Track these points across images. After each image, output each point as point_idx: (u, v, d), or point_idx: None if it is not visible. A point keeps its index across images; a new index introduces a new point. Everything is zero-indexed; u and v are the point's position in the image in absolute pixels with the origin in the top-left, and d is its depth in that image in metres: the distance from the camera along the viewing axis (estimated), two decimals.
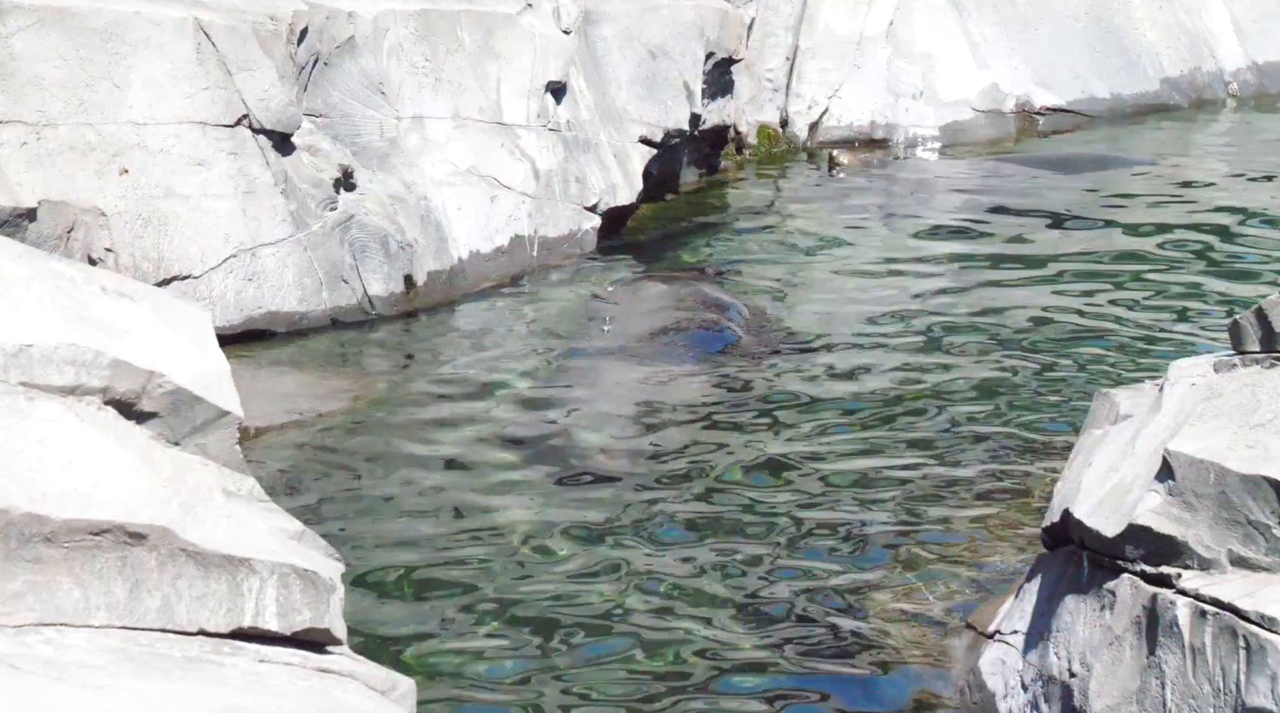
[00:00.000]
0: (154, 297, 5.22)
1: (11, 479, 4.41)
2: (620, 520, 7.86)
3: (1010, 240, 12.80)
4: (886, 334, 10.51)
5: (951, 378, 9.70)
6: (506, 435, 9.02)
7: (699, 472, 8.42)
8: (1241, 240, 12.68)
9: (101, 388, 4.75)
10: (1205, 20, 17.70)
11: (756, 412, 9.24)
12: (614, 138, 12.84)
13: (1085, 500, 5.68)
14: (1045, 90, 16.42)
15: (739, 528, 7.76)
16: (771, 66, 15.70)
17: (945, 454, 8.55)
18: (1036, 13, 16.63)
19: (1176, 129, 16.55)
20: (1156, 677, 5.28)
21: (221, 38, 10.18)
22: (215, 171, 10.12)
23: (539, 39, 12.28)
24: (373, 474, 8.40)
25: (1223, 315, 10.34)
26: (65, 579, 4.42)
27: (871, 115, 15.76)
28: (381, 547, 7.56)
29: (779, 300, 11.25)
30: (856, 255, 12.44)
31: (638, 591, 7.16)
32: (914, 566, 7.31)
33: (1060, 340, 10.38)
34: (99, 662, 4.30)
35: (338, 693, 4.52)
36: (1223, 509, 5.25)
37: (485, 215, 11.71)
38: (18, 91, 9.71)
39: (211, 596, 4.54)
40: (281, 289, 10.28)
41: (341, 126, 11.25)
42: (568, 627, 6.87)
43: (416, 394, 9.61)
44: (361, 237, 10.70)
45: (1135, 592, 5.41)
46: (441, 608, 7.01)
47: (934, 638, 6.65)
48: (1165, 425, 5.62)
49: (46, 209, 9.46)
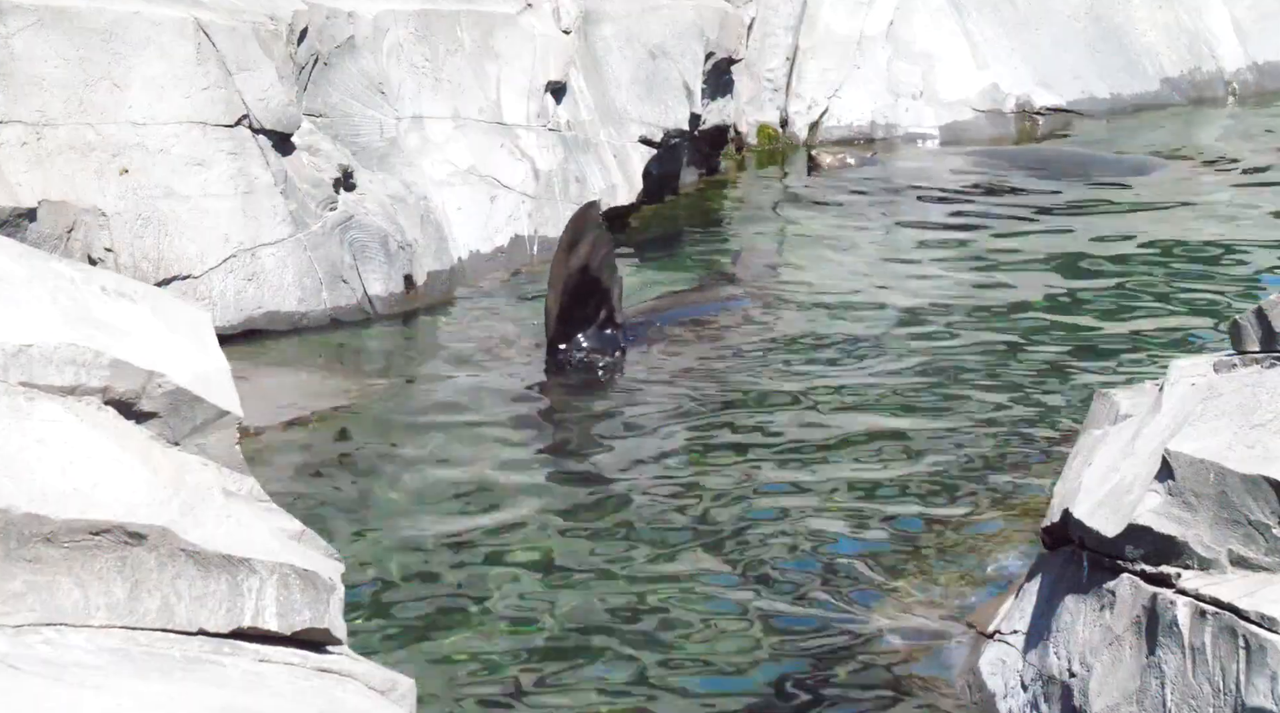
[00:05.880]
0: (154, 297, 5.22)
1: (11, 479, 4.41)
2: (620, 520, 7.86)
3: (1008, 240, 12.79)
4: (885, 334, 10.51)
5: (951, 378, 9.70)
6: (506, 435, 9.02)
7: (699, 472, 8.42)
8: (1242, 240, 12.68)
9: (101, 388, 4.75)
10: (1205, 20, 17.69)
11: (755, 412, 9.23)
12: (614, 138, 12.84)
13: (1085, 500, 5.69)
14: (1045, 90, 16.42)
15: (738, 529, 7.75)
16: (771, 66, 15.70)
17: (945, 454, 8.55)
18: (1036, 13, 16.63)
19: (1176, 129, 16.54)
20: (1156, 677, 5.28)
21: (221, 38, 10.18)
22: (215, 171, 10.12)
23: (539, 39, 12.29)
24: (373, 474, 8.40)
25: (1223, 315, 10.34)
26: (65, 579, 4.42)
27: (871, 115, 15.76)
28: (381, 547, 7.56)
29: (778, 300, 11.24)
30: (856, 255, 12.43)
31: (638, 591, 7.16)
32: (914, 566, 7.31)
33: (1060, 340, 10.38)
34: (99, 662, 4.30)
35: (338, 693, 4.52)
36: (1223, 509, 5.25)
37: (485, 215, 11.72)
38: (18, 91, 9.71)
39: (211, 596, 4.54)
40: (281, 289, 10.29)
41: (341, 126, 11.26)
42: (568, 627, 6.87)
43: (416, 394, 9.62)
44: (361, 237, 10.70)
45: (1135, 592, 5.41)
46: (441, 608, 7.01)
47: (934, 638, 6.66)
48: (1165, 425, 5.62)
49: (46, 209, 9.47)
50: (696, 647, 6.72)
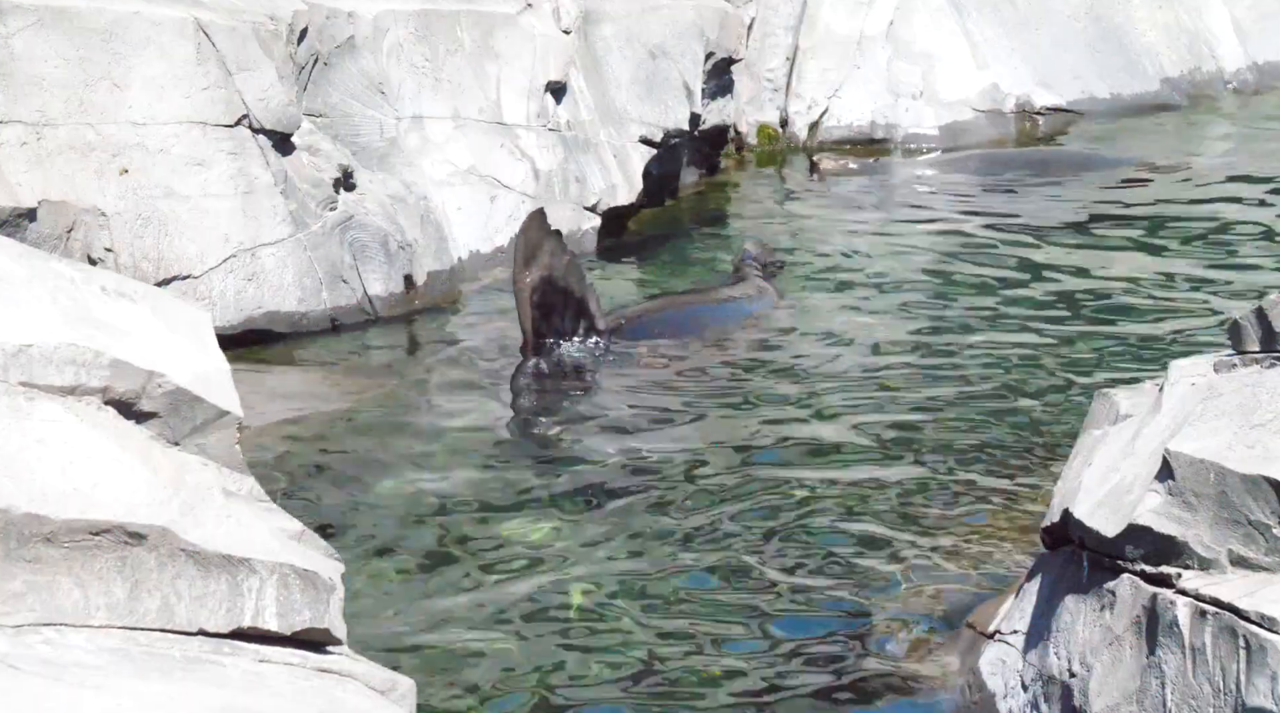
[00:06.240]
0: (154, 297, 5.22)
1: (11, 479, 4.41)
2: (621, 520, 7.86)
3: (1007, 240, 12.79)
4: (884, 335, 10.51)
5: (951, 378, 9.70)
6: (507, 436, 9.02)
7: (699, 473, 8.42)
8: (1242, 240, 12.68)
9: (101, 388, 4.75)
10: (1205, 20, 17.70)
11: (755, 413, 9.23)
12: (614, 138, 12.84)
13: (1085, 500, 5.68)
14: (1045, 90, 16.42)
15: (739, 529, 7.75)
16: (771, 66, 15.70)
17: (944, 454, 8.55)
18: (1036, 13, 16.63)
19: (1176, 129, 16.54)
20: (1156, 677, 5.28)
21: (221, 38, 10.18)
22: (215, 171, 10.12)
23: (539, 39, 12.29)
24: (373, 474, 8.40)
25: (1223, 315, 10.34)
26: (65, 579, 4.42)
27: (871, 115, 15.75)
28: (381, 547, 7.56)
29: (777, 300, 11.23)
30: (855, 256, 12.43)
31: (638, 591, 7.16)
32: (914, 566, 7.31)
33: (1060, 340, 10.38)
34: (99, 662, 4.30)
35: (337, 693, 4.52)
36: (1223, 509, 5.25)
37: (485, 215, 11.72)
38: (18, 91, 9.71)
39: (211, 596, 4.54)
40: (281, 289, 10.28)
41: (341, 126, 11.26)
42: (568, 627, 6.87)
43: (416, 394, 9.62)
44: (361, 237, 10.70)
45: (1135, 592, 5.41)
46: (441, 608, 7.01)
47: (934, 638, 6.66)
48: (1165, 425, 5.62)
49: (46, 209, 9.47)
50: (696, 647, 6.72)
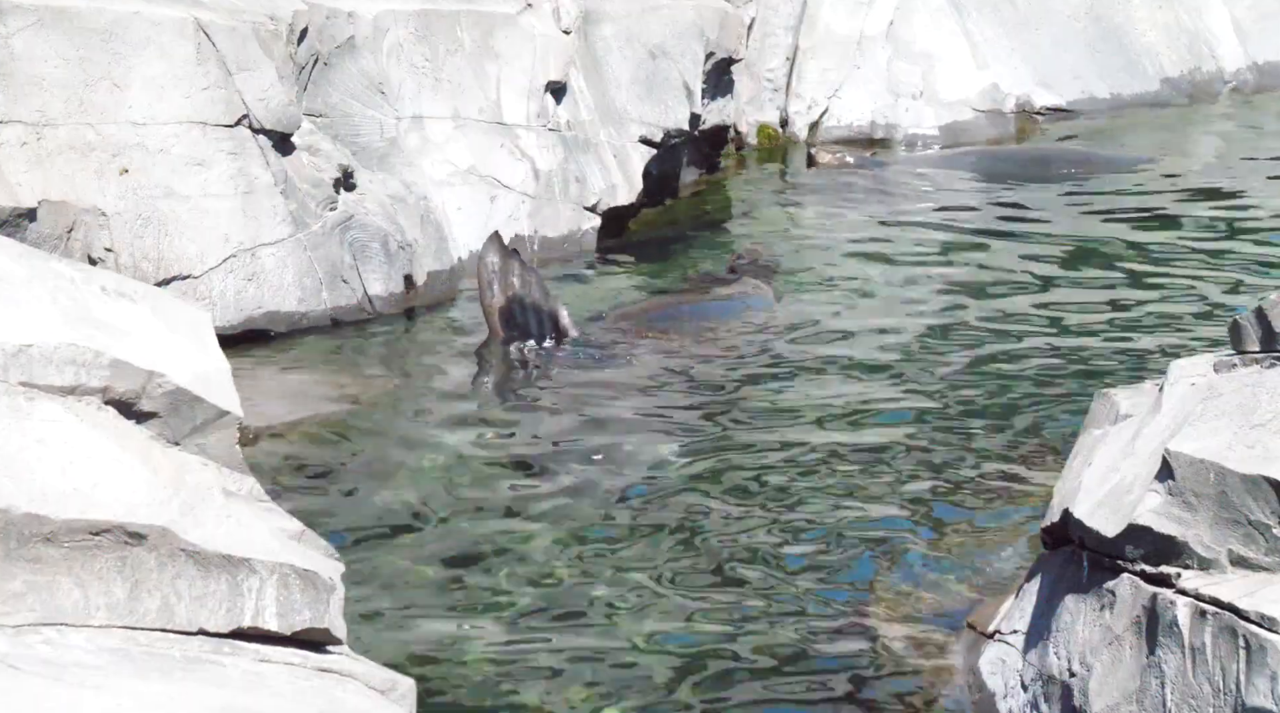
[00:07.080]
0: (154, 297, 5.22)
1: (11, 479, 4.41)
2: (621, 520, 7.86)
3: (1006, 240, 12.79)
4: (884, 334, 10.50)
5: (951, 378, 9.70)
6: (506, 436, 9.02)
7: (699, 472, 8.41)
8: (1242, 239, 12.68)
9: (101, 388, 4.75)
10: (1205, 20, 17.69)
11: (755, 413, 9.23)
12: (614, 138, 12.83)
13: (1085, 500, 5.69)
14: (1045, 90, 16.42)
15: (739, 529, 7.75)
16: (771, 66, 15.70)
17: (944, 454, 8.55)
18: (1036, 13, 16.63)
19: (1176, 129, 16.54)
20: (1156, 677, 5.28)
21: (221, 38, 10.18)
22: (215, 171, 10.12)
23: (539, 39, 12.29)
24: (373, 474, 8.40)
25: (1223, 315, 10.34)
26: (65, 579, 4.42)
27: (871, 115, 15.75)
28: (381, 547, 7.56)
29: (776, 300, 11.24)
30: (855, 256, 12.42)
31: (638, 591, 7.16)
32: (914, 566, 7.31)
33: (1060, 340, 10.38)
34: (99, 662, 4.30)
35: (338, 693, 4.52)
36: (1223, 509, 5.25)
37: (485, 215, 11.72)
38: (18, 91, 9.71)
39: (211, 596, 4.54)
40: (281, 289, 10.28)
41: (341, 126, 11.26)
42: (568, 627, 6.87)
43: (416, 394, 9.61)
44: (361, 237, 10.70)
45: (1135, 592, 5.41)
46: (441, 608, 7.01)
47: (934, 638, 6.66)
48: (1165, 425, 5.62)
49: (46, 209, 9.47)
50: (696, 647, 6.72)
